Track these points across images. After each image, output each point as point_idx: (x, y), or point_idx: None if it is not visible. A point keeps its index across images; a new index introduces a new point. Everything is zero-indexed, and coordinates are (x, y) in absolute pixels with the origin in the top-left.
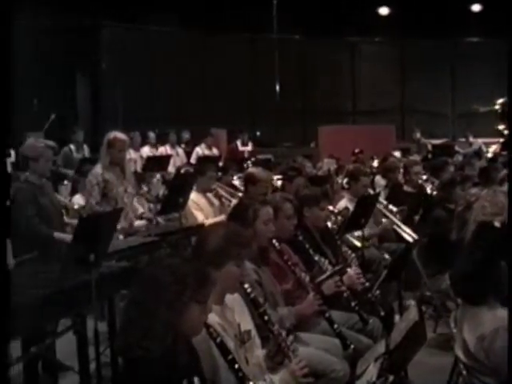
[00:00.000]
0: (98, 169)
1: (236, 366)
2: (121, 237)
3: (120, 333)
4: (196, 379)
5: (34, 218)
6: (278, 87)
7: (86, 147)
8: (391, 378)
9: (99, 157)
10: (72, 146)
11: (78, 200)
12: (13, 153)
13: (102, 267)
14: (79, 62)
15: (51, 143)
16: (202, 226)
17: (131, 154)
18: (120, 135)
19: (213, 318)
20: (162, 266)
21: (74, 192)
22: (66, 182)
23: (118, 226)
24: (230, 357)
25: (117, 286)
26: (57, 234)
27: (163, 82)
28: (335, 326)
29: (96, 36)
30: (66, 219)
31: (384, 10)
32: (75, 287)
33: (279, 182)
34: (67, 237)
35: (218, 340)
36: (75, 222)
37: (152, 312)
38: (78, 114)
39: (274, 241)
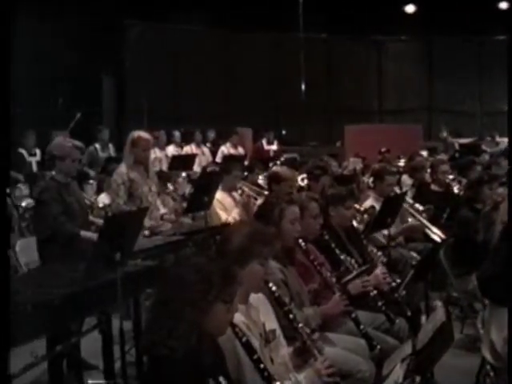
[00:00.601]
0: (122, 168)
1: (261, 365)
2: (146, 234)
3: (145, 332)
4: (221, 378)
5: (60, 216)
6: (303, 86)
7: (111, 146)
8: (418, 378)
9: (123, 156)
10: (97, 145)
11: (104, 199)
12: (38, 152)
13: (127, 266)
14: (104, 61)
15: (79, 143)
16: (226, 225)
17: (157, 152)
18: (144, 134)
19: (238, 317)
20: (187, 265)
21: (99, 191)
22: (91, 181)
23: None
24: (255, 356)
25: (142, 284)
26: (83, 233)
27: (188, 81)
28: (361, 326)
29: (121, 35)
30: (91, 218)
31: (410, 8)
32: (101, 286)
33: (305, 181)
34: (93, 235)
35: (244, 339)
36: (99, 220)
37: (177, 311)
38: (103, 112)
39: (300, 240)
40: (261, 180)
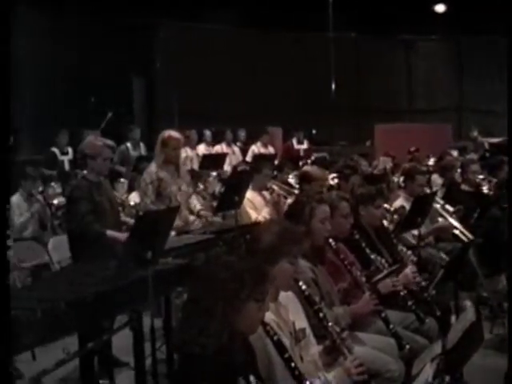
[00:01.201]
0: (152, 167)
1: (292, 364)
2: (175, 233)
3: (177, 330)
4: (252, 377)
5: (88, 215)
6: (333, 85)
7: (142, 145)
8: (447, 378)
9: (154, 155)
10: (128, 144)
11: (135, 198)
12: (70, 150)
13: (158, 264)
14: (135, 61)
15: (110, 142)
16: (257, 224)
17: (187, 151)
18: (174, 134)
19: (268, 316)
20: (219, 263)
21: (130, 189)
22: (122, 180)
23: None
24: (286, 355)
25: (173, 283)
26: (109, 233)
27: (219, 81)
28: (391, 325)
29: (151, 34)
30: (124, 217)
31: (440, 8)
32: (132, 284)
33: (335, 181)
34: (120, 235)
35: (275, 338)
36: (130, 220)
37: (209, 309)
38: (135, 112)
39: (330, 240)
40: (291, 179)
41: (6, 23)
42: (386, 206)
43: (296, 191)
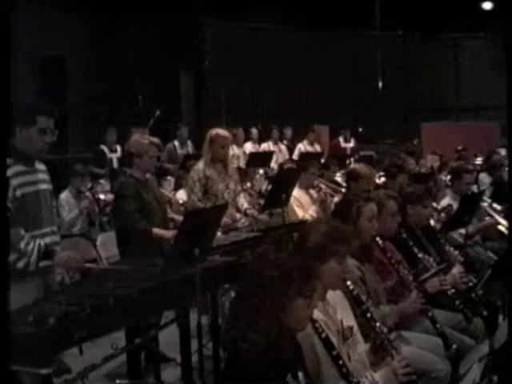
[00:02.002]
0: (200, 165)
1: (341, 361)
2: (220, 231)
3: (226, 326)
4: (300, 374)
5: (135, 213)
6: (380, 84)
7: (189, 143)
8: (495, 378)
9: (202, 153)
10: (176, 143)
11: (182, 195)
12: (119, 148)
13: (205, 261)
14: (183, 59)
15: (156, 140)
16: (303, 222)
17: (234, 149)
18: (222, 131)
19: (316, 314)
20: (267, 260)
21: (177, 187)
22: (169, 178)
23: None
24: (334, 352)
25: (220, 280)
26: (155, 230)
27: (266, 79)
28: (438, 325)
29: (199, 33)
30: (171, 214)
31: (487, 5)
32: (179, 281)
33: (382, 179)
34: (166, 233)
35: (324, 335)
36: (179, 217)
37: (258, 306)
38: (182, 110)
39: (377, 238)
40: (338, 177)
41: (6, 23)
42: (433, 204)
43: (343, 189)
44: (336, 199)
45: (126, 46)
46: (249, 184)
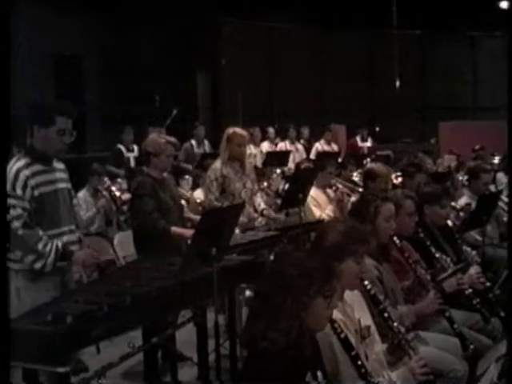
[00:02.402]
0: (217, 164)
1: (359, 362)
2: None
3: (246, 324)
4: (319, 373)
5: (153, 212)
6: (397, 83)
7: (206, 142)
8: None
9: (220, 152)
10: (193, 142)
11: (199, 194)
12: (136, 148)
13: (222, 260)
14: (199, 58)
15: (172, 139)
16: (321, 221)
17: (251, 149)
18: (239, 130)
19: (334, 314)
20: (287, 259)
21: (195, 186)
22: (186, 177)
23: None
24: (353, 352)
25: (237, 279)
26: (174, 229)
27: (283, 78)
28: (455, 325)
29: (216, 32)
30: (188, 214)
31: (504, 4)
32: (196, 280)
33: (399, 179)
34: (185, 231)
35: (343, 335)
36: (195, 217)
37: (278, 305)
38: (199, 109)
39: (395, 238)
40: (355, 177)
41: (6, 23)
42: (451, 204)
43: (360, 189)
44: (353, 199)
45: (144, 46)
46: (266, 183)
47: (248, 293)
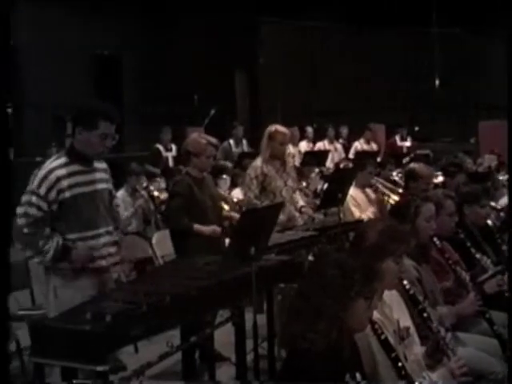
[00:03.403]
0: (258, 162)
1: (399, 363)
2: (278, 229)
3: (286, 325)
4: (358, 374)
5: (179, 210)
6: (437, 82)
7: (244, 142)
8: None
9: (260, 150)
10: (231, 141)
11: (237, 194)
12: (174, 147)
13: (261, 260)
14: (238, 58)
15: (213, 140)
16: (360, 221)
17: (290, 148)
18: (281, 128)
19: (374, 315)
20: (328, 260)
21: (233, 186)
22: (224, 176)
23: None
24: (393, 354)
25: (275, 279)
26: (196, 226)
27: (321, 77)
28: (495, 326)
29: (254, 32)
30: (229, 212)
31: None
32: (235, 279)
33: (439, 179)
34: (206, 229)
35: (383, 337)
36: (235, 214)
37: (319, 305)
38: (237, 109)
39: (434, 238)
40: (394, 176)
41: (7, 23)
42: (491, 204)
43: (400, 189)
44: (392, 198)
45: (182, 45)
46: (304, 183)
47: (279, 297)
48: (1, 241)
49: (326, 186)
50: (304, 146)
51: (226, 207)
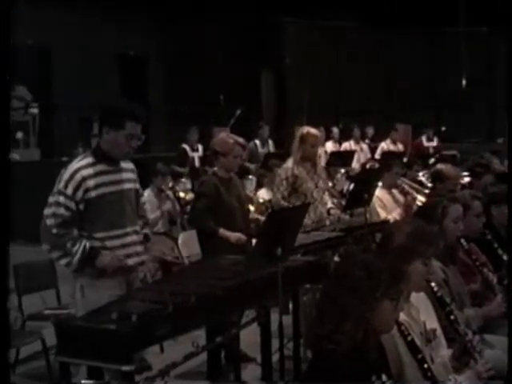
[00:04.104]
0: (289, 163)
1: (426, 365)
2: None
3: (311, 325)
4: (384, 376)
5: (204, 211)
6: (464, 82)
7: (271, 142)
8: None
9: (291, 152)
10: (257, 141)
11: (263, 194)
12: (200, 147)
13: (287, 261)
14: (264, 58)
15: (241, 140)
16: (386, 222)
17: None
18: (313, 130)
19: (400, 316)
20: (355, 261)
21: (258, 186)
22: (250, 177)
23: (308, 221)
24: (419, 356)
25: (301, 279)
26: (222, 231)
27: (347, 77)
28: None
29: (281, 32)
30: (255, 215)
31: None
32: (261, 280)
33: (466, 179)
34: (231, 235)
35: (409, 338)
36: (258, 216)
37: (345, 306)
38: (263, 109)
39: (462, 240)
40: (421, 177)
41: (6, 23)
42: None
43: (426, 190)
44: (419, 199)
45: (208, 45)
46: (330, 184)
47: (304, 298)
48: (1, 241)
49: (351, 186)
50: (330, 146)
51: (252, 208)
